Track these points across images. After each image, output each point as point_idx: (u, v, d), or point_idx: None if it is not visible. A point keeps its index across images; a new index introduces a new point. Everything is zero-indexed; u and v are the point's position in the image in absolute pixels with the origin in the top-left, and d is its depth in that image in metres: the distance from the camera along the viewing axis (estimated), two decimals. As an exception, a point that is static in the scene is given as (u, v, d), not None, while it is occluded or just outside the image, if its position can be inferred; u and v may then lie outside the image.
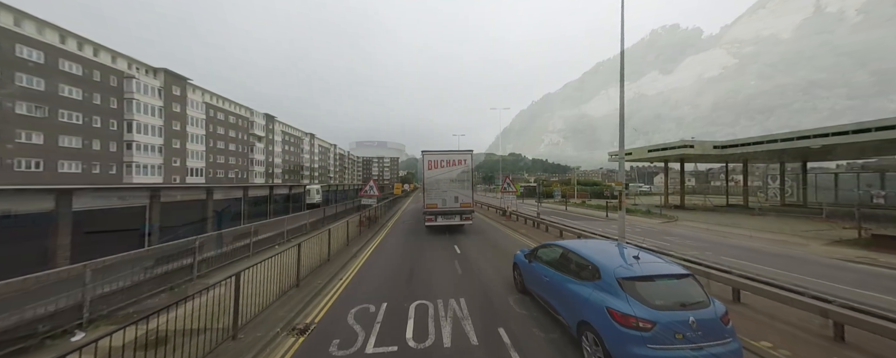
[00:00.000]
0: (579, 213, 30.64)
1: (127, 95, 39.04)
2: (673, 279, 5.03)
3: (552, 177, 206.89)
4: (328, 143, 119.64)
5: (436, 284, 9.18)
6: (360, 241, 16.04)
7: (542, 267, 7.10)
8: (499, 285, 8.95)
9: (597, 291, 5.18)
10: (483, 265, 11.24)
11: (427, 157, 17.74)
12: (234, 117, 61.63)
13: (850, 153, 28.67)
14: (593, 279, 5.39)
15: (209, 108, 54.75)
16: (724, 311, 4.72)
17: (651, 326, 4.41)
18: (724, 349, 4.37)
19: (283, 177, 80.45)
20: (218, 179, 56.36)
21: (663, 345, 4.31)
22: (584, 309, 5.25)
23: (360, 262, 12.07)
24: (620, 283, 4.91)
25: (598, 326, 4.86)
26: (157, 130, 42.87)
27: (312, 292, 8.46)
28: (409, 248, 14.70)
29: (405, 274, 10.33)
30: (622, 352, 4.47)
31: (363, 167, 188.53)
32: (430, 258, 12.47)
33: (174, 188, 15.95)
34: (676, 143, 29.77)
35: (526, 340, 5.96)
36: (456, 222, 17.44)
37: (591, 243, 7.17)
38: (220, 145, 57.47)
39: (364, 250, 14.13)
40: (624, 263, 5.33)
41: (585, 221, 24.50)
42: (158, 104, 43.06)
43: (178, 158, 46.24)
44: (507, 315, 7.00)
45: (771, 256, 14.16)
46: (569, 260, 6.35)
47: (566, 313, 5.85)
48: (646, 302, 4.65)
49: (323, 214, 26.83)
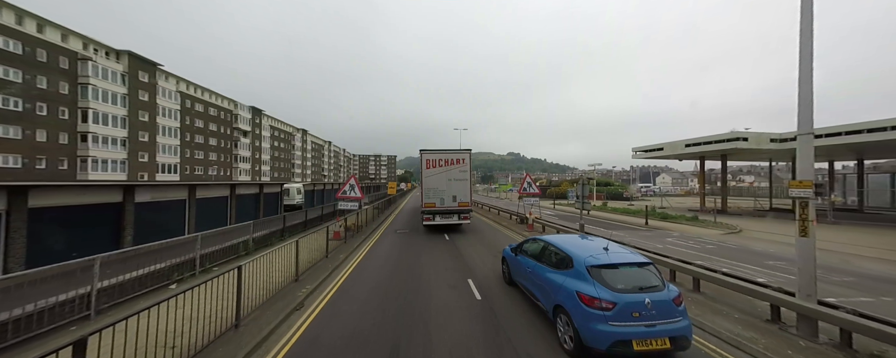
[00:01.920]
0: (610, 219, 25.67)
1: (82, 80, 33.99)
2: (635, 267, 5.52)
3: (552, 176, 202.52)
4: (322, 140, 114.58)
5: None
6: (336, 258, 11.33)
7: (526, 259, 7.59)
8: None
9: (569, 278, 5.70)
10: (523, 327, 6.49)
11: (425, 157, 17.52)
12: (214, 109, 56.57)
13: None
14: (567, 268, 5.91)
15: (185, 98, 49.70)
16: (676, 293, 5.19)
17: (612, 306, 4.91)
18: (674, 326, 4.88)
19: (272, 175, 75.46)
20: (197, 176, 51.38)
21: (622, 322, 4.82)
22: (558, 294, 5.75)
23: (328, 294, 7.54)
24: (589, 270, 5.44)
25: (568, 307, 5.34)
26: (119, 121, 37.83)
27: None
28: (403, 266, 10.51)
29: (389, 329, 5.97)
30: (587, 329, 4.94)
31: (360, 166, 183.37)
32: (430, 295, 7.79)
33: (48, 187, 11.01)
34: (725, 136, 24.94)
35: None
36: (454, 221, 17.39)
37: (569, 237, 7.49)
38: (198, 140, 52.43)
39: (340, 271, 9.41)
40: (594, 253, 5.82)
41: (624, 230, 19.81)
42: (121, 91, 38.02)
43: (146, 153, 41.21)
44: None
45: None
46: (549, 252, 6.83)
47: (544, 299, 6.37)
48: (609, 286, 5.16)
49: (304, 217, 22.15)
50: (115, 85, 37.28)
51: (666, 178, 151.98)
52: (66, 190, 11.21)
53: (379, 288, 8.64)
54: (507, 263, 8.81)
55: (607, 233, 18.29)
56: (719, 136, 25.45)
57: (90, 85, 34.28)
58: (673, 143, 29.40)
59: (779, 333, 6.22)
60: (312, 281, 9.13)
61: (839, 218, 23.40)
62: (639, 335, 4.72)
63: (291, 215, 21.43)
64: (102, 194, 12.20)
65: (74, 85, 33.56)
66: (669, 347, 4.79)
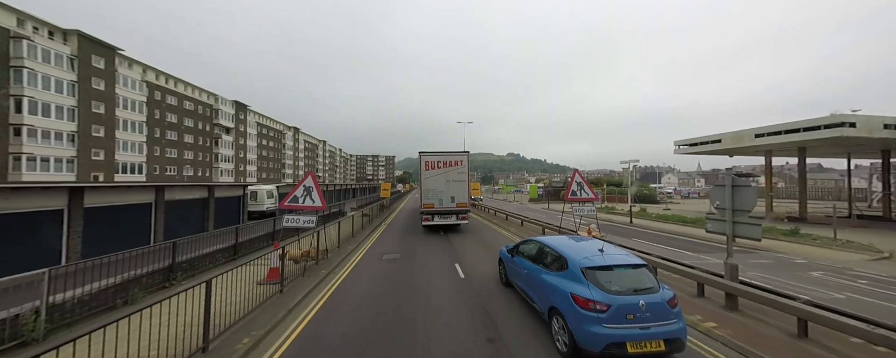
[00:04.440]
0: (665, 232, 19.28)
1: (15, 62, 28.49)
2: (629, 269, 5.38)
3: (553, 177, 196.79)
4: (316, 139, 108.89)
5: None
6: (283, 304, 5.99)
7: (522, 261, 7.43)
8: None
9: (564, 280, 5.60)
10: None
11: (424, 158, 17.77)
12: (191, 103, 51.01)
13: None
14: (562, 270, 5.81)
15: (154, 89, 44.18)
16: (671, 295, 5.08)
17: (606, 308, 4.81)
18: (668, 328, 4.78)
19: (259, 175, 69.90)
20: (168, 178, 45.86)
21: (616, 324, 4.73)
22: (553, 295, 5.66)
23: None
24: (583, 272, 5.34)
25: (563, 309, 5.26)
26: (66, 113, 32.31)
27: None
28: (386, 333, 5.53)
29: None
30: (582, 330, 4.85)
31: (357, 166, 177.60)
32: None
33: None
34: (823, 120, 19.24)
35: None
36: (452, 221, 17.51)
37: (564, 238, 7.34)
38: (170, 136, 46.89)
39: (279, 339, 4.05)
40: (589, 255, 5.69)
41: (712, 251, 14.40)
42: (69, 78, 32.48)
43: (102, 151, 35.65)
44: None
45: None
46: (544, 253, 6.70)
47: (539, 301, 6.26)
48: (603, 288, 5.05)
49: (272, 227, 16.85)
50: (61, 70, 31.72)
51: (672, 178, 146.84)
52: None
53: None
54: (504, 264, 8.65)
55: (693, 256, 12.91)
56: (811, 122, 19.80)
57: (25, 68, 28.75)
58: (737, 134, 23.55)
59: None
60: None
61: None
62: (633, 337, 4.67)
63: (255, 226, 16.13)
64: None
65: (5, 68, 28.03)
66: (664, 349, 4.73)
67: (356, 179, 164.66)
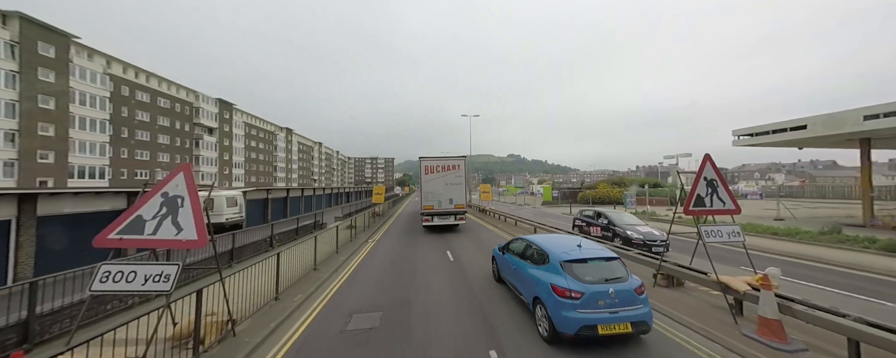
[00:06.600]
0: (763, 250, 13.70)
1: (-67, 47, 23.88)
2: (602, 261, 5.99)
3: (556, 178, 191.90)
4: (312, 141, 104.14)
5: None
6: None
7: (512, 257, 7.97)
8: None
9: (546, 273, 6.17)
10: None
11: (424, 163, 18.58)
12: (166, 100, 46.36)
13: None
14: (545, 264, 6.38)
15: (121, 83, 39.55)
16: (638, 284, 5.63)
17: (580, 295, 5.37)
18: (635, 313, 5.33)
19: (247, 179, 65.18)
20: (139, 182, 41.13)
21: (589, 310, 5.30)
22: (536, 287, 6.23)
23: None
24: (562, 265, 5.92)
25: (544, 298, 5.82)
26: (3, 108, 27.66)
27: None
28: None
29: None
30: (559, 316, 5.40)
31: (355, 169, 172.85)
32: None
33: None
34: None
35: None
36: (451, 222, 18.41)
37: (550, 236, 8.31)
38: (140, 136, 42.21)
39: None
40: (568, 250, 6.29)
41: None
42: (8, 67, 27.87)
43: (52, 152, 30.96)
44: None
45: None
46: (531, 250, 7.23)
47: (526, 292, 6.83)
48: (579, 278, 5.64)
49: (231, 244, 12.35)
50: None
51: (679, 177, 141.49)
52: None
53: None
54: (496, 262, 9.04)
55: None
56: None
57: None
58: (833, 117, 17.94)
59: None
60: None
61: None
62: (603, 321, 5.19)
63: (210, 244, 11.27)
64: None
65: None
66: (631, 330, 5.25)
67: (354, 182, 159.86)
